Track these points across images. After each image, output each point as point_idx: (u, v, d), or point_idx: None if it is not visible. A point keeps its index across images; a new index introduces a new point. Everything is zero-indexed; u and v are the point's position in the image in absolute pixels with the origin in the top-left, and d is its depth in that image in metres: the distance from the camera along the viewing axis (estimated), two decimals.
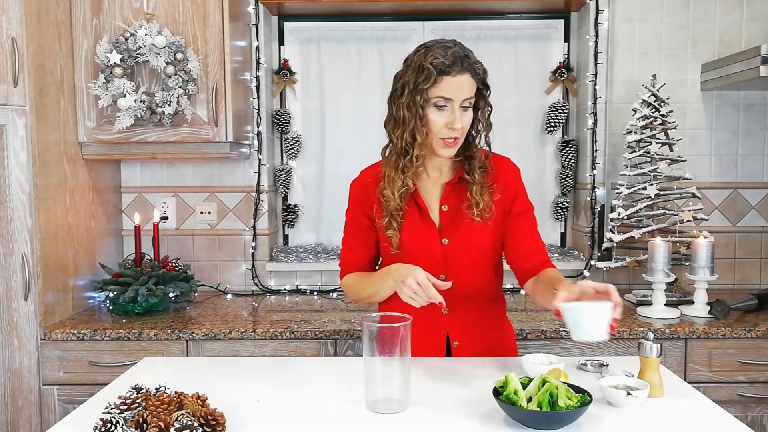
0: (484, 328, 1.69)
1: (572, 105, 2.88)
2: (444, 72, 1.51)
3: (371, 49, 2.86)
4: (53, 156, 2.22)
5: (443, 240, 1.63)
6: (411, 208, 1.64)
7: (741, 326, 2.14)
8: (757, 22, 2.66)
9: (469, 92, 1.55)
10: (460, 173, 1.65)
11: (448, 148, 1.57)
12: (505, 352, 1.72)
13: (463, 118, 1.55)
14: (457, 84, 1.52)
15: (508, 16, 2.85)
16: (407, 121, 1.55)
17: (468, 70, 1.53)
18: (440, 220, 1.65)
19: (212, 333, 2.14)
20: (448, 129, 1.54)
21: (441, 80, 1.51)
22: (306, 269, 2.77)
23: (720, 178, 2.73)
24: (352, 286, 1.73)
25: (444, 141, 1.56)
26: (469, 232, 1.63)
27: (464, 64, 1.53)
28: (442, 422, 1.26)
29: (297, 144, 2.87)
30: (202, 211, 2.79)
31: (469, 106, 1.57)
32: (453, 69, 1.51)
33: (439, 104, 1.53)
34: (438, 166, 1.67)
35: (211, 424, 1.14)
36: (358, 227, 1.72)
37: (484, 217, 1.61)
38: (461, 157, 1.65)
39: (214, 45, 2.35)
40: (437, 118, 1.54)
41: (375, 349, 1.28)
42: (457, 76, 1.52)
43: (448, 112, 1.54)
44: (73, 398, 2.13)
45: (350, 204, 1.74)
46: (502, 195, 1.65)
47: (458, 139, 1.56)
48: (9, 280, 2.10)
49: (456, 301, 1.63)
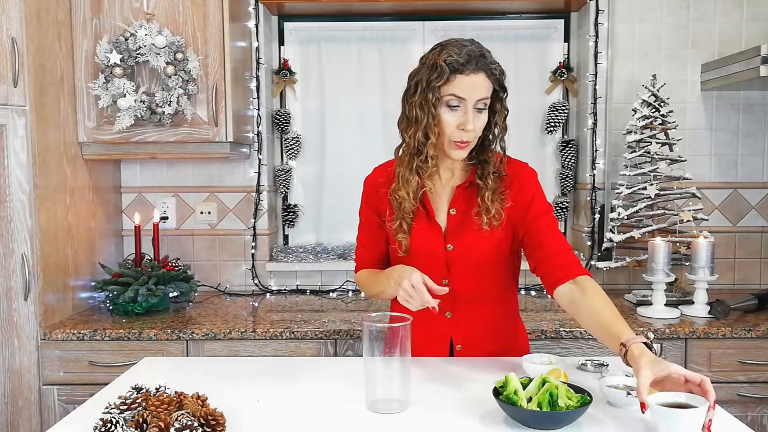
0: (488, 333, 1.66)
1: (572, 105, 2.88)
2: (457, 70, 1.46)
3: (371, 49, 2.86)
4: (53, 156, 2.22)
5: (448, 245, 1.59)
6: (418, 211, 1.61)
7: (741, 326, 2.14)
8: (757, 22, 2.66)
9: (484, 93, 1.49)
10: (472, 177, 1.60)
11: (459, 150, 1.52)
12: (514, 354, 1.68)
13: (476, 119, 1.49)
14: (471, 83, 1.47)
15: (508, 16, 2.85)
16: (420, 120, 1.50)
17: (483, 69, 1.48)
18: (447, 224, 1.61)
19: (212, 333, 2.14)
20: (460, 130, 1.49)
21: (454, 78, 1.47)
22: (306, 269, 2.77)
23: (720, 178, 2.73)
24: (363, 282, 1.74)
25: (456, 143, 1.51)
26: (475, 239, 1.58)
27: (479, 63, 1.48)
28: (442, 422, 1.26)
29: (297, 144, 2.87)
30: (202, 211, 2.79)
31: (484, 108, 1.51)
32: (467, 67, 1.46)
33: (451, 103, 1.48)
34: (450, 167, 1.62)
35: (211, 424, 1.14)
36: (368, 224, 1.71)
37: (493, 225, 1.55)
38: (474, 161, 1.60)
39: (214, 45, 2.35)
40: (449, 118, 1.49)
41: (375, 349, 1.28)
42: (471, 75, 1.47)
43: (460, 112, 1.49)
44: (73, 398, 2.13)
45: (362, 201, 1.72)
46: (514, 202, 1.59)
47: (470, 142, 1.52)
48: (9, 280, 2.10)
49: (459, 306, 1.62)
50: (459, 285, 1.59)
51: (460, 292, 1.60)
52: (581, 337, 2.13)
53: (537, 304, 2.51)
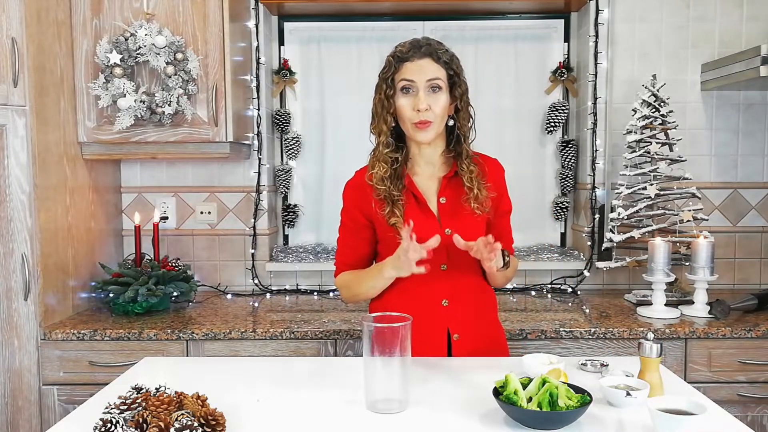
0: (482, 321, 1.72)
1: (572, 105, 2.88)
2: (403, 59, 1.62)
3: (371, 49, 2.86)
4: (53, 156, 2.22)
5: (446, 230, 1.65)
6: (409, 200, 1.67)
7: (741, 326, 2.14)
8: (757, 22, 2.66)
9: (432, 74, 1.60)
10: (456, 168, 1.68)
11: (421, 131, 1.62)
12: (498, 346, 1.76)
13: (430, 99, 1.60)
14: (416, 67, 1.60)
15: (508, 16, 2.85)
16: (379, 112, 1.65)
17: (428, 54, 1.61)
18: (439, 211, 1.68)
19: (212, 333, 2.14)
20: (415, 111, 1.60)
21: (401, 66, 1.62)
22: (306, 269, 2.77)
23: (720, 178, 2.73)
24: (347, 283, 1.76)
25: (416, 125, 1.61)
26: (470, 223, 1.65)
27: (423, 49, 1.61)
28: (442, 422, 1.26)
29: (297, 144, 2.87)
30: (202, 211, 2.79)
31: (438, 89, 1.61)
32: (412, 55, 1.61)
33: (404, 88, 1.61)
34: (429, 160, 1.70)
35: (211, 424, 1.14)
36: (353, 225, 1.74)
37: (484, 210, 1.65)
38: (453, 153, 1.69)
39: (214, 45, 2.35)
40: (404, 102, 1.61)
41: (375, 349, 1.28)
42: (417, 60, 1.61)
43: (413, 95, 1.60)
44: (73, 398, 2.13)
45: (345, 203, 1.77)
46: (494, 191, 1.70)
47: (431, 122, 1.60)
48: (9, 280, 2.10)
49: (456, 294, 1.67)
50: (457, 271, 1.66)
51: (458, 279, 1.67)
52: (581, 337, 2.13)
53: (537, 304, 2.51)
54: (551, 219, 2.92)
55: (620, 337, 2.12)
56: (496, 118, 2.84)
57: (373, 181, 1.65)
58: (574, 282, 2.72)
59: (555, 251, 2.79)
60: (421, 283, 1.63)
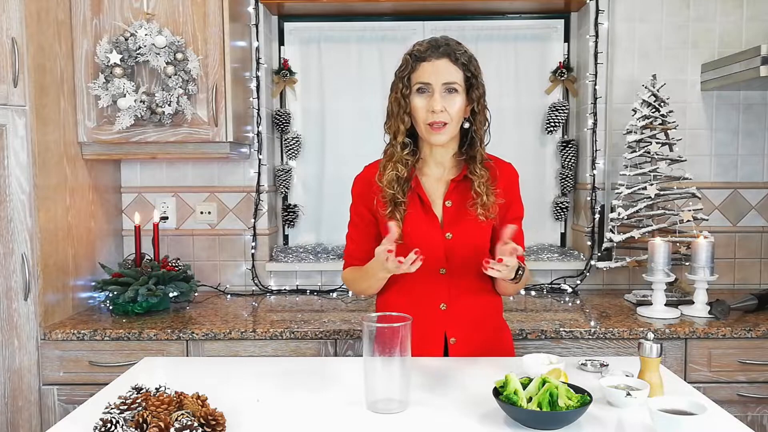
0: (480, 325, 1.70)
1: (572, 105, 2.88)
2: (420, 58, 1.59)
3: (371, 49, 2.86)
4: (53, 156, 2.22)
5: (447, 234, 1.64)
6: (414, 202, 1.66)
7: (741, 326, 2.14)
8: (757, 22, 2.66)
9: (449, 76, 1.58)
10: (465, 171, 1.66)
11: (436, 133, 1.59)
12: (501, 349, 1.74)
13: (446, 101, 1.57)
14: (433, 68, 1.58)
15: (508, 16, 2.85)
16: (395, 112, 1.62)
17: (445, 54, 1.58)
18: (443, 215, 1.66)
19: (212, 333, 2.14)
20: (429, 113, 1.57)
21: (418, 66, 1.59)
22: (306, 269, 2.77)
23: (720, 178, 2.73)
24: (351, 279, 1.77)
25: (430, 127, 1.58)
26: (472, 229, 1.64)
27: (441, 49, 1.58)
28: (442, 422, 1.26)
29: (297, 144, 2.87)
30: (202, 211, 2.79)
31: (454, 91, 1.58)
32: (429, 55, 1.58)
33: (420, 89, 1.59)
34: (440, 161, 1.68)
35: (211, 424, 1.14)
36: (360, 221, 1.74)
37: (489, 216, 1.62)
38: (465, 156, 1.67)
39: (214, 45, 2.35)
40: (419, 102, 1.59)
41: (375, 349, 1.28)
42: (434, 60, 1.58)
43: (429, 96, 1.58)
44: (73, 398, 2.13)
45: (353, 198, 1.76)
46: (504, 198, 1.66)
47: (446, 124, 1.58)
48: (9, 280, 2.10)
49: (454, 297, 1.66)
50: (456, 275, 1.65)
51: (457, 283, 1.65)
52: (581, 337, 2.13)
53: (537, 304, 2.51)
54: (551, 219, 2.92)
55: (620, 337, 2.12)
56: (496, 118, 2.77)
57: (383, 182, 1.63)
58: (574, 282, 2.72)
59: (555, 251, 2.79)
60: (420, 285, 1.64)
